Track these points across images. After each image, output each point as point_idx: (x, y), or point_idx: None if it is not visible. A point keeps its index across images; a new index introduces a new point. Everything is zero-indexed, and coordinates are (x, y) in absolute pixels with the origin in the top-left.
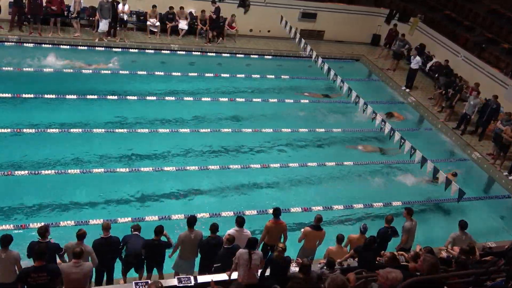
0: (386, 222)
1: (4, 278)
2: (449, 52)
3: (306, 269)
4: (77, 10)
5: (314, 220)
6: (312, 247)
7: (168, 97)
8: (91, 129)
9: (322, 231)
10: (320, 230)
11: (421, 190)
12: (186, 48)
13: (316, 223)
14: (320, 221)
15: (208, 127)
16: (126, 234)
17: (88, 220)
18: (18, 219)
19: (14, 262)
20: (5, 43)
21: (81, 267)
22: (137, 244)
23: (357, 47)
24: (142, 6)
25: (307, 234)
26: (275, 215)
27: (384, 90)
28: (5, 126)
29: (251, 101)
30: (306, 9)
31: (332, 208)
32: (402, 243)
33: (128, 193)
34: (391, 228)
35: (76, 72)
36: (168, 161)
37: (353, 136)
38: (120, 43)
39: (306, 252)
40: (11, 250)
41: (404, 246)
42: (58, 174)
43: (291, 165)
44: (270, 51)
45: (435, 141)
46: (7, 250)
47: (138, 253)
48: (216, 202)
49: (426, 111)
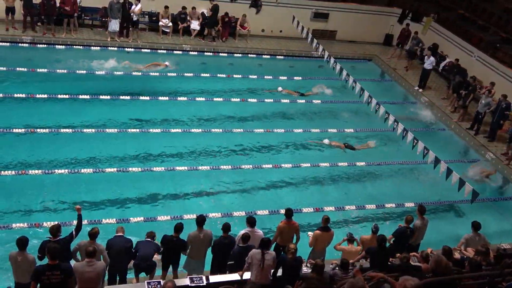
0: (406, 222)
1: (20, 278)
2: (463, 52)
3: (319, 269)
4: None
5: (322, 222)
6: (322, 249)
7: (180, 98)
8: (105, 129)
9: (331, 232)
10: (329, 231)
11: (435, 190)
12: (198, 48)
13: (324, 224)
14: (328, 222)
15: (220, 127)
16: (138, 240)
17: (101, 220)
18: (33, 218)
19: (29, 265)
20: (19, 44)
21: (94, 266)
22: (148, 249)
23: (370, 47)
24: (154, 6)
25: (318, 237)
26: (287, 215)
27: (397, 90)
28: (19, 126)
29: (263, 101)
30: (318, 9)
31: (344, 208)
32: (411, 240)
33: (141, 193)
34: (409, 228)
35: (90, 73)
36: (180, 161)
37: (366, 136)
38: (133, 43)
39: (316, 254)
40: (28, 254)
41: (413, 243)
42: (71, 173)
43: (303, 165)
44: (282, 51)
45: (448, 142)
46: (24, 253)
47: (149, 258)
48: (228, 202)
49: (439, 111)
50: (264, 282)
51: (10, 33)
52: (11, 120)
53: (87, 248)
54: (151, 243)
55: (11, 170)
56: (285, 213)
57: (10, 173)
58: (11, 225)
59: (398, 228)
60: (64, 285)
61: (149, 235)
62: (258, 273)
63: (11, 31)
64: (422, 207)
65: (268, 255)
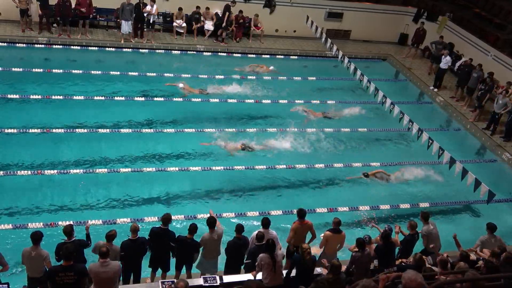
0: (411, 228)
1: (33, 273)
2: (479, 51)
3: (336, 270)
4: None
5: (333, 224)
6: (333, 251)
7: (194, 99)
8: (119, 129)
9: (342, 234)
10: (340, 233)
11: (449, 191)
12: (212, 49)
13: (335, 226)
14: (339, 224)
15: (233, 127)
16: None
17: (115, 220)
18: (47, 217)
19: (42, 260)
20: (35, 45)
21: (110, 266)
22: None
23: (384, 47)
24: (168, 7)
25: (328, 239)
26: (300, 216)
27: (412, 90)
28: (34, 126)
29: (277, 102)
30: (332, 9)
31: (358, 208)
32: (425, 247)
33: (155, 193)
34: (417, 234)
35: (104, 73)
36: (193, 161)
37: (379, 135)
38: (147, 44)
39: (327, 257)
40: (41, 249)
41: (429, 250)
42: (86, 173)
43: (317, 166)
44: (296, 51)
45: (464, 142)
46: (37, 248)
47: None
48: (242, 202)
49: (454, 111)
50: (277, 284)
51: (26, 35)
52: (27, 120)
53: (100, 248)
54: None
55: (27, 170)
56: (298, 213)
57: (26, 173)
58: (26, 225)
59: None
60: (77, 286)
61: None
62: (271, 276)
63: (27, 32)
64: (425, 213)
65: (278, 257)
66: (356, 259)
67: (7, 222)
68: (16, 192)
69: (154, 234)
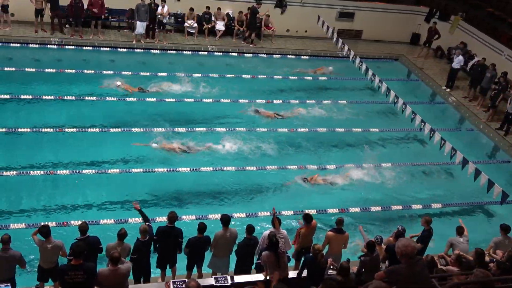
0: (426, 223)
1: (48, 264)
2: (492, 50)
3: (345, 271)
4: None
5: (336, 223)
6: (337, 252)
7: (205, 99)
8: (130, 128)
9: (346, 234)
10: (343, 233)
11: (463, 191)
12: (223, 49)
13: (338, 226)
14: (341, 224)
15: (244, 127)
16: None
17: (127, 219)
18: (60, 217)
19: (58, 250)
20: (48, 45)
21: (119, 271)
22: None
23: (396, 47)
24: (180, 7)
25: (331, 239)
26: (307, 221)
27: (424, 90)
28: (47, 126)
29: (288, 102)
30: (343, 9)
31: (370, 209)
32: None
33: (165, 193)
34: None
35: (117, 73)
36: (205, 161)
37: (392, 136)
38: (159, 44)
39: (332, 258)
40: (55, 240)
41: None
42: (98, 173)
43: (329, 167)
44: (307, 51)
45: (477, 142)
46: (51, 240)
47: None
48: (253, 202)
49: (467, 111)
50: (283, 276)
51: (39, 35)
52: (40, 120)
53: (112, 254)
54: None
55: (40, 170)
56: (304, 218)
57: (39, 173)
58: (39, 224)
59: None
60: (87, 285)
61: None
62: (276, 272)
63: (40, 33)
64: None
65: (281, 254)
66: (365, 263)
67: (21, 222)
68: (31, 191)
69: (162, 233)
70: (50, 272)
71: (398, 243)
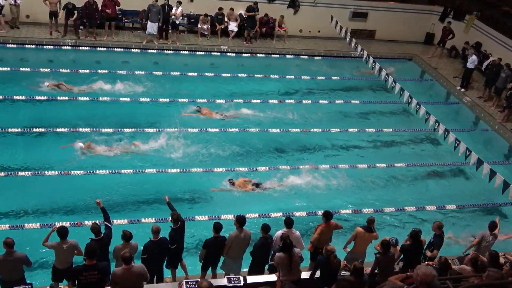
0: (438, 229)
1: (63, 264)
2: (508, 50)
3: (358, 272)
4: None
5: (367, 222)
6: (362, 251)
7: (218, 100)
8: (143, 129)
9: (374, 234)
10: (372, 232)
11: (476, 193)
12: (236, 49)
13: (369, 225)
14: (372, 223)
15: (256, 127)
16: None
17: (140, 219)
18: (74, 218)
19: (73, 250)
20: (62, 47)
21: (133, 269)
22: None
23: (410, 46)
24: (193, 8)
25: (359, 235)
26: (326, 218)
27: (438, 90)
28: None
29: (300, 102)
30: (356, 9)
31: (383, 210)
32: None
33: (179, 193)
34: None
35: (130, 73)
36: (217, 162)
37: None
38: (172, 45)
39: (356, 256)
40: (70, 240)
41: None
42: (111, 174)
43: (341, 166)
44: (320, 51)
45: (492, 143)
46: (66, 241)
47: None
48: (265, 202)
49: (482, 112)
50: (295, 278)
51: (53, 37)
52: (54, 120)
53: (123, 254)
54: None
55: (54, 170)
56: (324, 215)
57: (53, 173)
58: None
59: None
60: (101, 284)
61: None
62: (288, 272)
63: (55, 34)
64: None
65: (294, 256)
66: (380, 260)
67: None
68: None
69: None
70: (64, 272)
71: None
